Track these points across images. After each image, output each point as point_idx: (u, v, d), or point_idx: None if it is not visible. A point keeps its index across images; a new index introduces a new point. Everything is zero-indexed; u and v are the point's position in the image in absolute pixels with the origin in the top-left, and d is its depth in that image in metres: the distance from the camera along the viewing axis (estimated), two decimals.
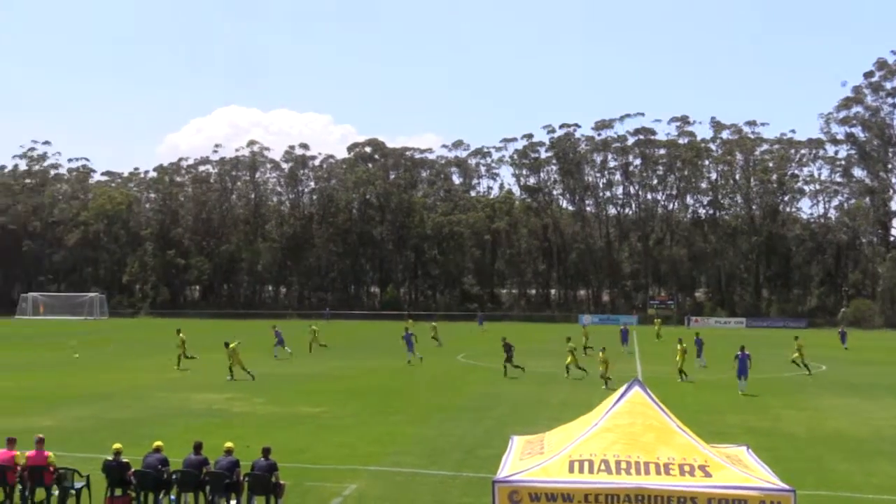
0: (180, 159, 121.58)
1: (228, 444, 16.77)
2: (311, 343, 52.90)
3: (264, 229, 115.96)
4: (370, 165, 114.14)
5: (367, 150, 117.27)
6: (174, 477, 16.18)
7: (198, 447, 16.57)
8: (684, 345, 39.75)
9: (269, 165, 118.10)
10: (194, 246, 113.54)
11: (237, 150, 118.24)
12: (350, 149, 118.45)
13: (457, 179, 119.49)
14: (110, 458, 16.43)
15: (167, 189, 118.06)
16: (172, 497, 16.32)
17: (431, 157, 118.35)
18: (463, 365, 45.04)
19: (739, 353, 35.05)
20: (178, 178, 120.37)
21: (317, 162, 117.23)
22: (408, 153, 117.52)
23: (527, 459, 10.79)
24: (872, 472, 20.25)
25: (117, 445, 16.58)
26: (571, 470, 10.09)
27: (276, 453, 17.26)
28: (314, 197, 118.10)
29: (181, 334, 43.60)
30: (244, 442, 20.27)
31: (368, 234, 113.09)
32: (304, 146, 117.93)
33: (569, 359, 39.28)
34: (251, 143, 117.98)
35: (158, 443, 16.91)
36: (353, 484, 18.51)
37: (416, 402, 30.85)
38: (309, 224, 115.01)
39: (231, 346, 38.15)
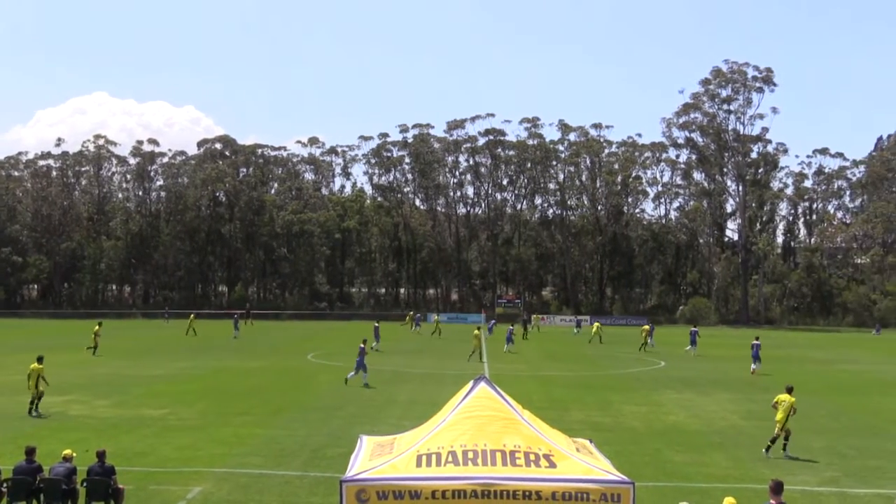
0: (19, 153, 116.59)
1: (67, 451, 16.22)
2: (189, 328, 65.47)
3: (108, 226, 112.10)
4: (220, 163, 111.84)
5: (218, 146, 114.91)
6: (4, 486, 15.47)
7: (30, 453, 15.90)
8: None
9: (114, 161, 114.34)
10: (32, 243, 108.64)
11: (82, 144, 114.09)
12: (200, 144, 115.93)
13: (312, 177, 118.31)
14: None
15: (3, 184, 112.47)
16: None
17: (284, 154, 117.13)
18: (313, 364, 44.75)
19: (755, 340, 43.08)
20: (16, 173, 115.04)
21: (166, 159, 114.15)
22: (259, 150, 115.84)
23: (376, 459, 10.81)
24: (705, 463, 21.23)
25: None
26: (419, 465, 10.14)
27: (118, 457, 16.81)
28: (162, 194, 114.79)
29: (98, 327, 48.87)
30: (83, 446, 19.62)
31: (217, 232, 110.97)
32: (154, 141, 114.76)
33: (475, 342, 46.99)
34: (97, 137, 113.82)
35: None
36: (198, 486, 18.16)
37: (264, 402, 30.44)
38: (156, 221, 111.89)
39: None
